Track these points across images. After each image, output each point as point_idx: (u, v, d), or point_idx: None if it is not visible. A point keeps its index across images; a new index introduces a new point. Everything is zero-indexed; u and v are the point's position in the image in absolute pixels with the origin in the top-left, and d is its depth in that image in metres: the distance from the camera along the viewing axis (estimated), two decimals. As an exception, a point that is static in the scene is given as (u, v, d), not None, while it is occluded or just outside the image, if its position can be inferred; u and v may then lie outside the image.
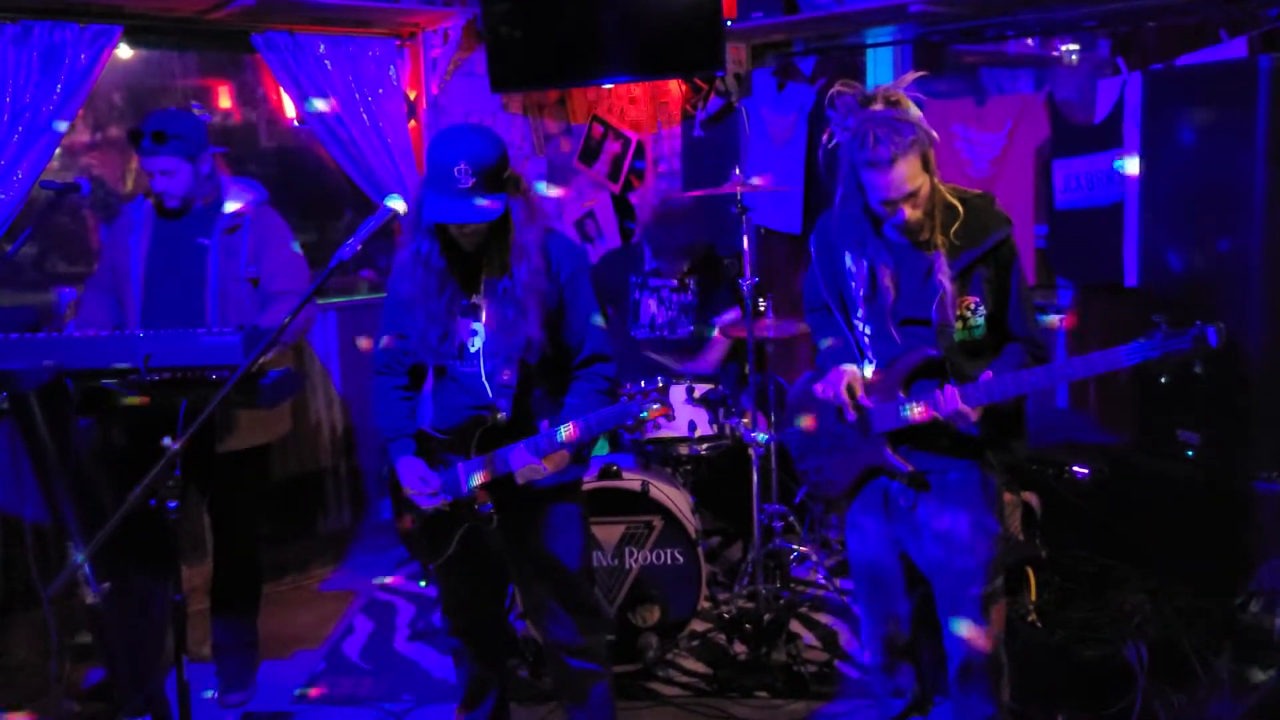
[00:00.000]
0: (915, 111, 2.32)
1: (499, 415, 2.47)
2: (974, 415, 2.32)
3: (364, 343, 3.82)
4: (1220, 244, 3.00)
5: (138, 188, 3.24)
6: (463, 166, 2.29)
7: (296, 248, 3.34)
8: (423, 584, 4.20)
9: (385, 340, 2.62)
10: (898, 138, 2.25)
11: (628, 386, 2.33)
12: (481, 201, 2.32)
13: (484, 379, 2.49)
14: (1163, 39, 3.53)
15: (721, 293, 4.19)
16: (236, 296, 3.18)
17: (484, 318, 2.48)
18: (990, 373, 2.33)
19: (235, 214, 3.22)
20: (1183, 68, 3.34)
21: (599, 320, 2.56)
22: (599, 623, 2.73)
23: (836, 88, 2.37)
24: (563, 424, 2.37)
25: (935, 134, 2.33)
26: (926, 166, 2.31)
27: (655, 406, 2.24)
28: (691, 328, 4.20)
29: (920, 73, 2.41)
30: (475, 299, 2.49)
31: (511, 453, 2.43)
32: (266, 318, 3.11)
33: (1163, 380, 2.19)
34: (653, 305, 4.23)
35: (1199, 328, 2.13)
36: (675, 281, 4.19)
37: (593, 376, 2.54)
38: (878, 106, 2.31)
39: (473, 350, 2.50)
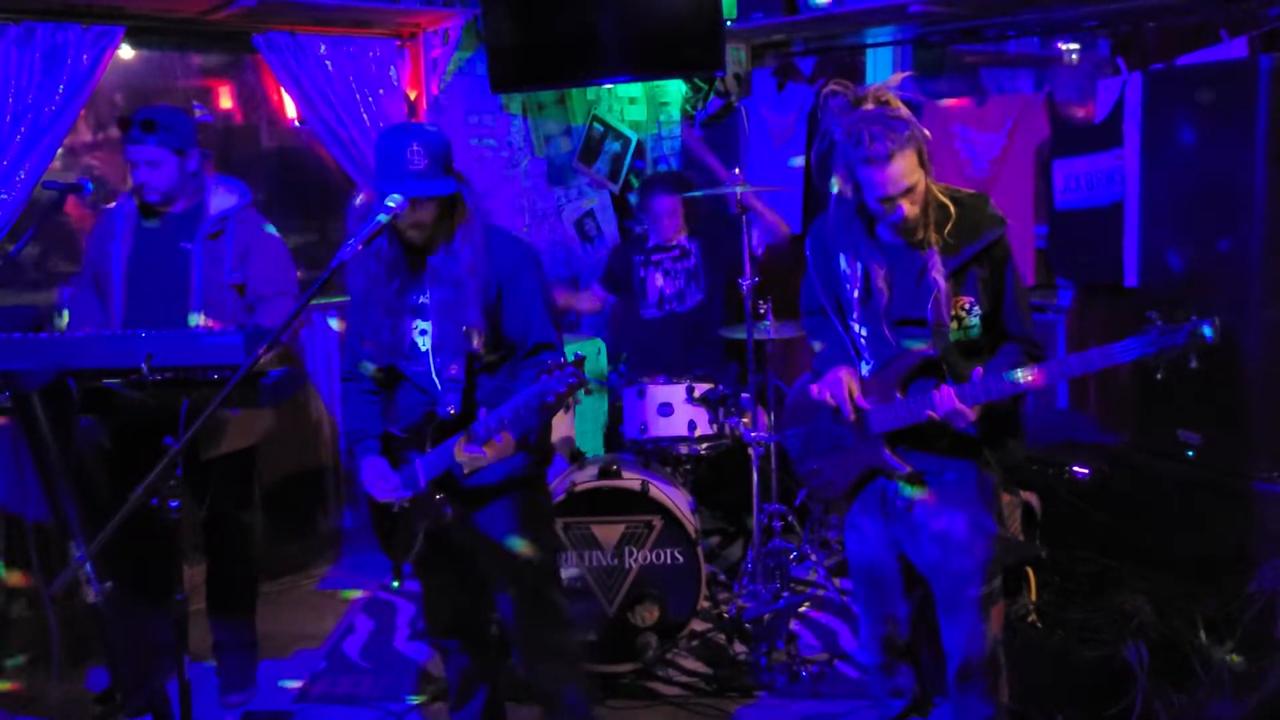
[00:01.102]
0: (905, 109, 2.33)
1: (450, 409, 2.50)
2: (971, 414, 2.32)
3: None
4: (1220, 244, 3.00)
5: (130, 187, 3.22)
6: (415, 148, 2.38)
7: (284, 247, 3.33)
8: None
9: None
10: (893, 134, 2.27)
11: (549, 363, 2.33)
12: (434, 181, 2.40)
13: (433, 375, 2.54)
14: (1163, 39, 3.53)
15: (727, 253, 4.18)
16: (221, 303, 3.14)
17: (430, 313, 2.52)
18: (980, 370, 2.33)
19: (218, 218, 3.18)
20: (1183, 67, 3.34)
21: (543, 311, 2.59)
22: (562, 619, 2.74)
23: (829, 88, 2.38)
24: (494, 410, 2.39)
25: (928, 132, 2.34)
26: (922, 162, 2.33)
27: (573, 381, 2.25)
28: (701, 295, 4.21)
29: (908, 72, 2.43)
30: (423, 298, 2.54)
31: (454, 442, 2.46)
32: (265, 319, 3.10)
33: (1159, 376, 2.19)
34: (659, 279, 4.24)
35: (1194, 323, 2.14)
36: (677, 251, 4.20)
37: (539, 364, 2.53)
38: (869, 106, 2.33)
39: (422, 349, 2.55)
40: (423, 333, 2.55)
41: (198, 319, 3.11)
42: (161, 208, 3.18)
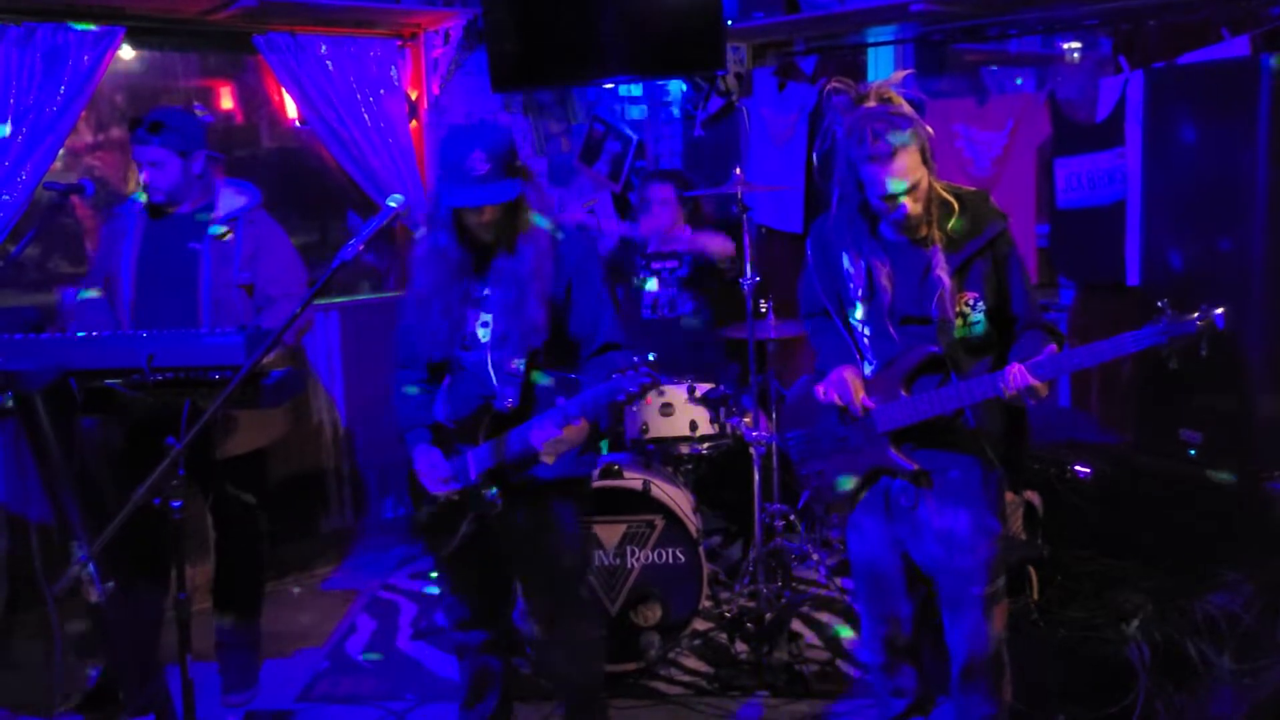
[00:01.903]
0: (908, 107, 2.33)
1: (509, 402, 2.52)
2: (1044, 391, 2.30)
3: None
4: (1222, 243, 3.01)
5: (139, 188, 3.23)
6: (477, 154, 2.38)
7: (293, 249, 3.33)
8: (434, 575, 4.23)
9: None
10: (896, 131, 2.26)
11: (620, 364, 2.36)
12: (496, 185, 2.41)
13: (490, 367, 2.54)
14: (1165, 37, 3.53)
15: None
16: (230, 303, 3.13)
17: (492, 306, 2.54)
18: (1053, 346, 2.31)
19: (227, 218, 3.18)
20: (1184, 66, 3.34)
21: (611, 310, 2.61)
22: (587, 622, 2.76)
23: (831, 85, 2.38)
24: (570, 400, 2.40)
25: (930, 128, 2.34)
26: (925, 160, 2.32)
27: (646, 381, 2.26)
28: (692, 304, 4.23)
29: (909, 70, 2.42)
30: (485, 290, 2.55)
31: (531, 429, 2.45)
32: (268, 320, 3.10)
33: (1172, 365, 2.20)
34: (654, 285, 4.26)
35: (1205, 311, 2.15)
36: (674, 261, 4.23)
37: (609, 363, 2.55)
38: (872, 103, 2.33)
39: (482, 340, 2.56)
40: (484, 324, 2.56)
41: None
42: (168, 208, 3.19)
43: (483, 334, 2.56)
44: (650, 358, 2.30)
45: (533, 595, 2.74)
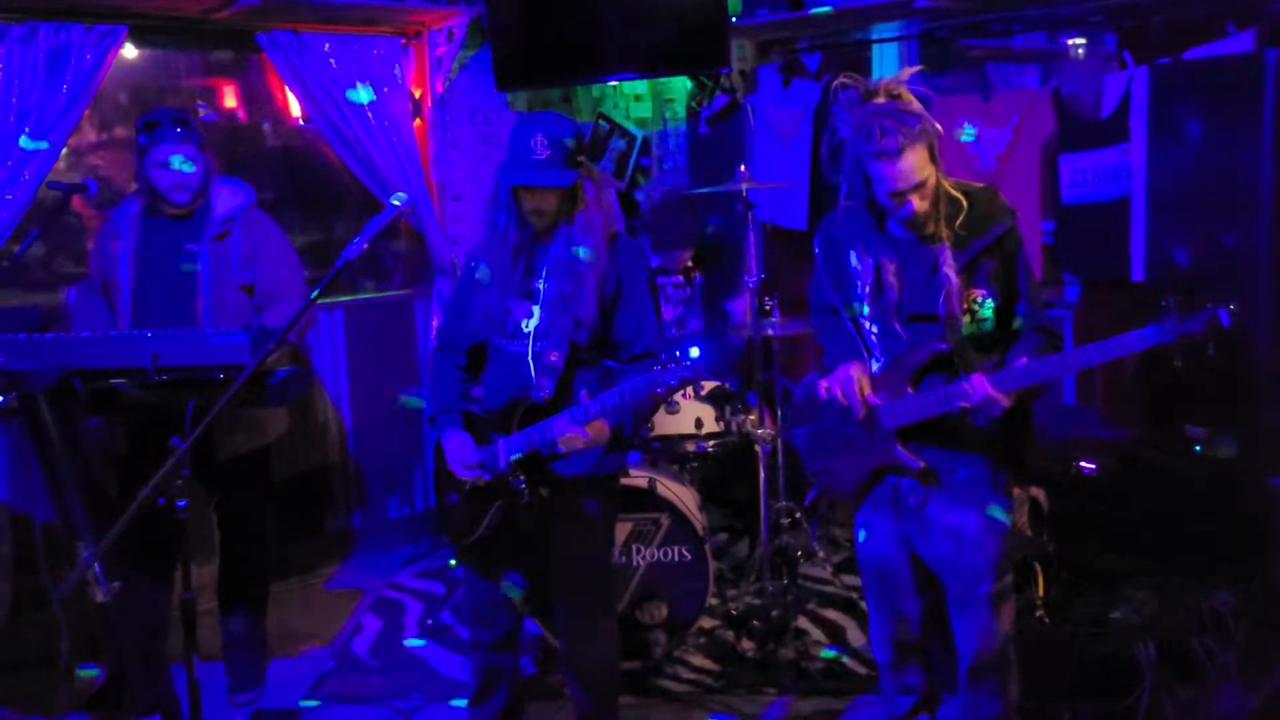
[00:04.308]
0: (917, 104, 2.33)
1: (544, 393, 2.55)
2: (1006, 401, 2.30)
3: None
4: (1226, 238, 3.00)
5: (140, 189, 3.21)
6: (539, 139, 2.47)
7: (290, 246, 3.32)
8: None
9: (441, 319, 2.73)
10: (905, 128, 2.26)
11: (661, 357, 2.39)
12: (553, 171, 2.47)
13: (529, 358, 2.57)
14: (1169, 33, 3.52)
15: (727, 280, 4.21)
16: (230, 304, 3.12)
17: (541, 298, 2.57)
18: (1025, 359, 2.31)
19: (224, 219, 3.16)
20: (1189, 62, 3.33)
21: (655, 318, 2.65)
22: (609, 620, 2.77)
23: (840, 81, 2.38)
24: (602, 393, 2.44)
25: (939, 126, 2.33)
26: (933, 157, 2.32)
27: (686, 375, 2.29)
28: (699, 321, 4.23)
29: (918, 67, 2.42)
30: (536, 282, 2.60)
31: (553, 423, 2.49)
32: (273, 319, 3.09)
33: (1177, 364, 2.20)
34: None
35: (1210, 310, 2.15)
36: (680, 279, 4.21)
37: (645, 368, 2.56)
38: (880, 100, 2.32)
39: (525, 330, 2.59)
40: (528, 315, 2.60)
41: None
42: (190, 207, 3.14)
43: (527, 325, 2.59)
44: (693, 352, 2.33)
45: (556, 591, 2.75)
